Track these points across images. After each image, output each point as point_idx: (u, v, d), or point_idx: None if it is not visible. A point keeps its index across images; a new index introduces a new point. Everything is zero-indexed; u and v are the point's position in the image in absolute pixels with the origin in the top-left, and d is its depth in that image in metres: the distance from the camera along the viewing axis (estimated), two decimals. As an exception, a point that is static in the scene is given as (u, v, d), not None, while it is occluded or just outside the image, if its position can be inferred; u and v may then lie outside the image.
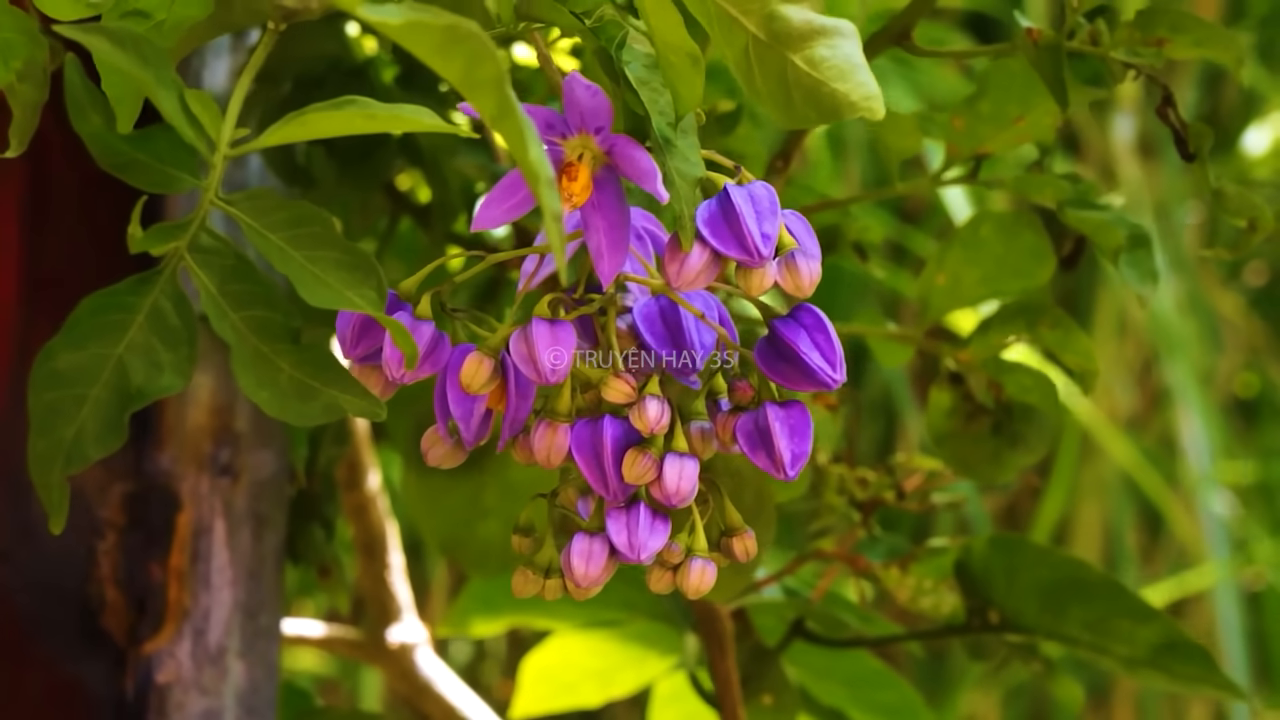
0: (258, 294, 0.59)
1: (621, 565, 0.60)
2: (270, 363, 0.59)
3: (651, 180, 0.55)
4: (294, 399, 0.59)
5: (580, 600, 0.59)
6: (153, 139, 0.60)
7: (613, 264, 0.57)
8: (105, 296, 0.60)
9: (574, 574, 0.58)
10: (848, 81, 0.57)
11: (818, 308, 0.59)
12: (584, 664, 1.10)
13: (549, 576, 0.61)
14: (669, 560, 0.59)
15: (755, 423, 0.59)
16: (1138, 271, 0.78)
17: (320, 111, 0.55)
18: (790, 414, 0.59)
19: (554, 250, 0.49)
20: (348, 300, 0.56)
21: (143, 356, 0.59)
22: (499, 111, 0.49)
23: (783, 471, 0.58)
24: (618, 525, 0.58)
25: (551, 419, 0.58)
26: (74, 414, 0.59)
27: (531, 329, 0.56)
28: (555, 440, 0.58)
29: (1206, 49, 0.72)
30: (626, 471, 0.57)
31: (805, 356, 0.58)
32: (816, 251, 0.57)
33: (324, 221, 0.57)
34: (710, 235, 0.56)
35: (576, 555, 0.58)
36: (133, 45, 0.55)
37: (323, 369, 0.59)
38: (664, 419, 0.57)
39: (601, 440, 0.57)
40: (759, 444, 0.59)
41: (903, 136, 0.83)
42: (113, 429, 0.59)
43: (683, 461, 0.57)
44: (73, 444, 0.60)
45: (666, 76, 0.56)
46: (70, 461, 0.60)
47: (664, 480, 0.57)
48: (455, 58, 0.49)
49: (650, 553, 0.58)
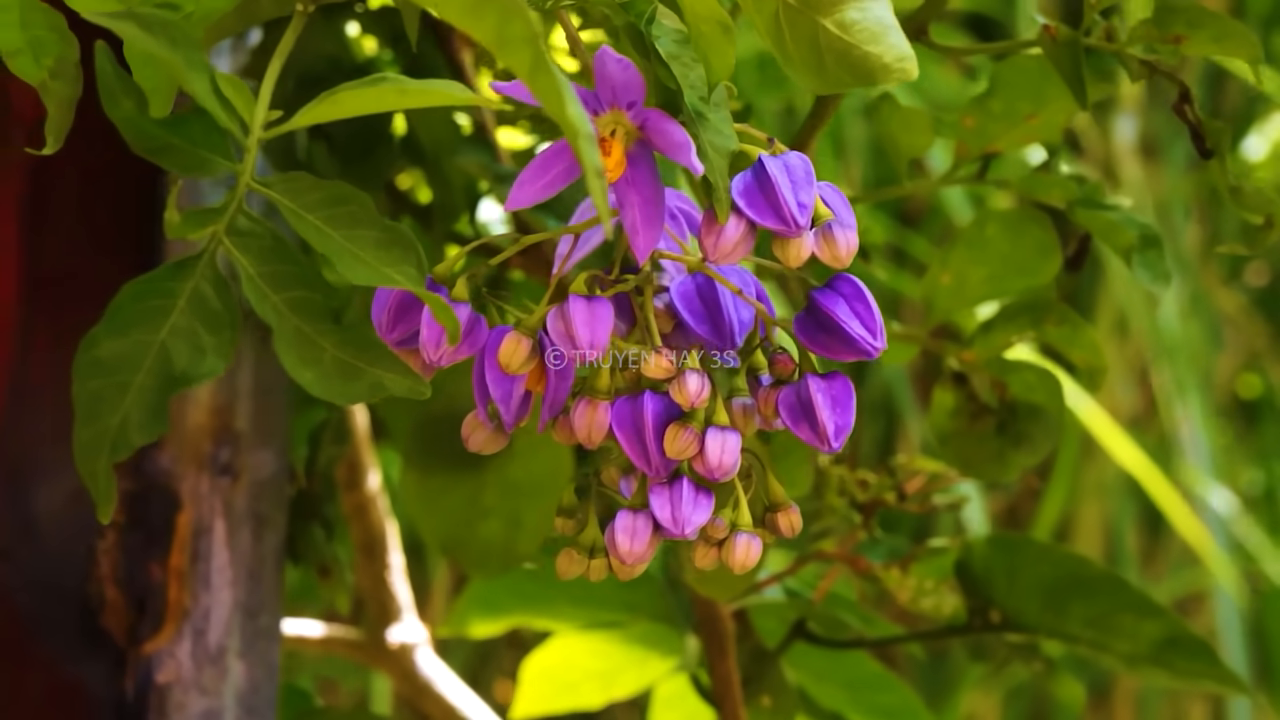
0: (297, 275, 0.59)
1: (631, 574, 0.59)
2: (313, 343, 0.59)
3: (686, 153, 0.55)
4: (338, 378, 0.58)
5: (625, 580, 0.59)
6: (186, 123, 0.59)
7: (648, 239, 0.56)
8: (145, 283, 0.59)
9: (619, 551, 0.58)
10: (880, 44, 0.57)
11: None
12: (585, 665, 1.09)
13: (594, 556, 0.60)
14: (713, 535, 0.59)
15: (797, 395, 0.58)
16: (1151, 271, 0.78)
17: (354, 89, 0.55)
18: (833, 385, 0.58)
19: (597, 205, 0.49)
20: (388, 277, 0.56)
21: (185, 341, 0.59)
22: (533, 67, 0.48)
23: (827, 443, 0.58)
24: (661, 501, 0.57)
25: (592, 396, 0.57)
26: (118, 401, 0.59)
27: (569, 306, 0.56)
28: (596, 418, 0.57)
29: (1224, 45, 0.72)
30: (668, 446, 0.57)
31: (845, 325, 0.58)
32: (853, 222, 0.57)
33: (361, 201, 0.57)
34: (746, 206, 0.56)
35: (621, 532, 0.58)
36: (162, 29, 0.54)
37: (366, 348, 0.59)
38: (704, 393, 0.56)
39: (643, 416, 0.57)
40: (801, 416, 0.58)
41: (915, 134, 0.83)
42: (157, 415, 0.59)
43: (724, 435, 0.57)
44: (118, 432, 0.59)
45: (698, 46, 0.56)
46: (116, 449, 0.59)
47: (706, 454, 0.57)
48: (487, 16, 0.49)
49: (694, 527, 0.57)
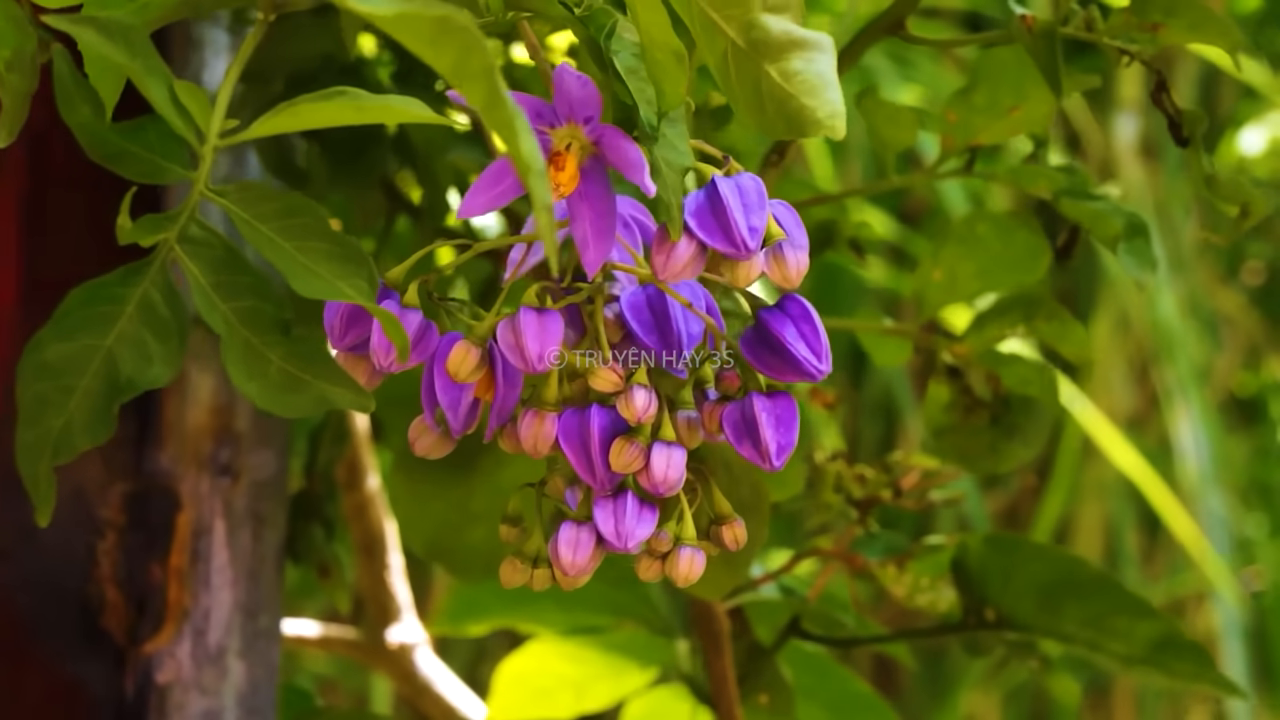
0: (248, 285, 0.59)
1: (613, 567, 0.60)
2: (260, 354, 0.59)
3: (639, 172, 0.55)
4: (283, 391, 0.59)
5: (568, 590, 0.59)
6: (143, 130, 0.59)
7: (598, 254, 0.56)
8: (94, 288, 0.60)
9: (561, 562, 0.58)
10: (816, 97, 0.57)
11: (805, 298, 0.58)
12: (560, 671, 1.09)
13: (537, 566, 0.61)
14: (657, 549, 0.59)
15: (741, 412, 0.59)
16: (1137, 259, 0.78)
17: (310, 102, 0.55)
18: (776, 404, 0.58)
19: (544, 239, 0.49)
20: (339, 291, 0.56)
21: (132, 348, 0.59)
22: (489, 101, 0.49)
23: (768, 462, 0.58)
24: (605, 514, 0.58)
25: (539, 408, 0.58)
26: (63, 405, 0.59)
27: (519, 318, 0.56)
28: (542, 429, 0.58)
29: (1201, 34, 0.72)
30: (614, 460, 0.57)
31: (791, 347, 0.58)
32: (804, 242, 0.57)
33: (315, 213, 0.57)
34: (697, 227, 0.56)
35: (564, 544, 0.58)
36: (121, 35, 0.55)
37: (312, 361, 0.59)
38: (651, 408, 0.57)
39: (589, 429, 0.57)
40: (745, 434, 0.59)
41: (899, 129, 0.83)
42: (101, 420, 0.59)
43: (670, 450, 0.57)
44: (61, 435, 0.59)
45: (651, 73, 0.56)
46: (58, 453, 0.59)
47: (651, 469, 0.57)
48: (446, 49, 0.49)
49: (637, 541, 0.58)
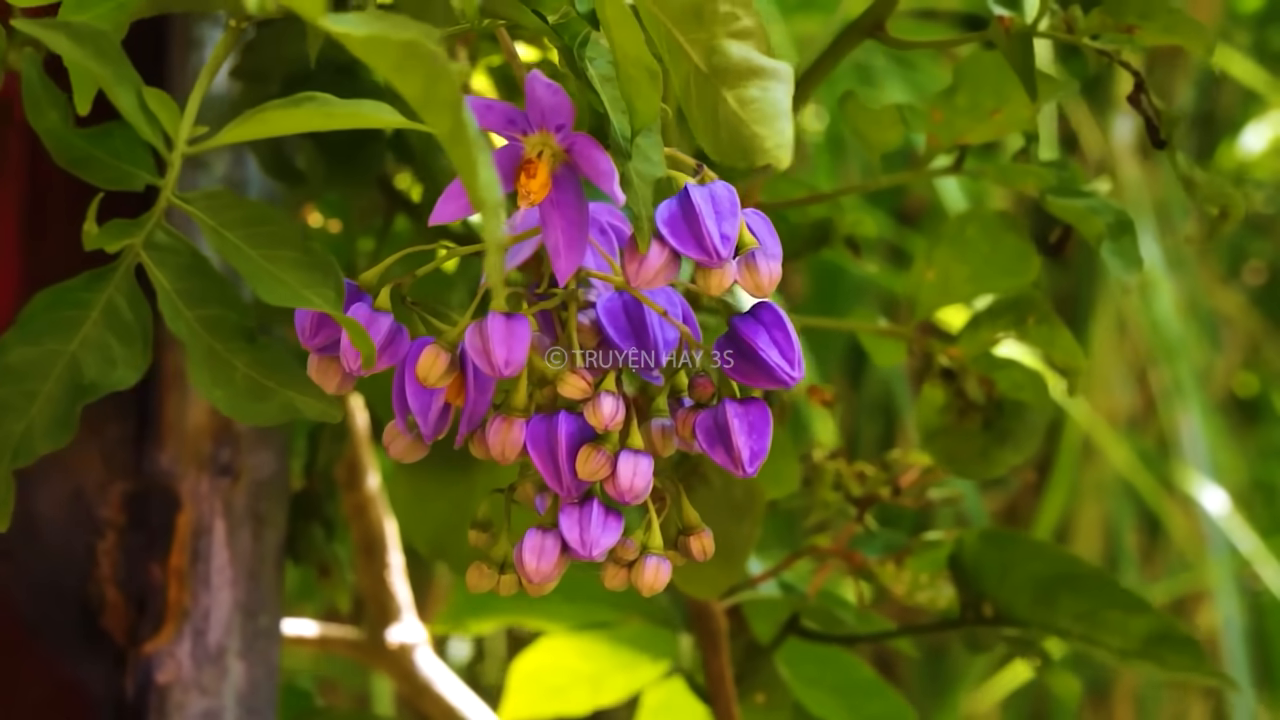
0: (213, 292, 0.59)
1: (540, 592, 0.60)
2: (225, 361, 0.59)
3: (608, 181, 0.55)
4: (249, 398, 0.59)
5: (535, 596, 0.59)
6: (110, 136, 0.59)
7: (570, 262, 0.56)
8: (60, 292, 0.59)
9: (525, 569, 0.58)
10: (767, 126, 0.57)
11: (778, 306, 0.58)
12: (574, 667, 1.09)
13: (504, 572, 0.61)
14: (623, 557, 0.59)
15: (715, 419, 0.59)
16: (1121, 259, 0.77)
17: (277, 109, 0.55)
18: (749, 411, 0.58)
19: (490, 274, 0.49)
20: (305, 299, 0.56)
21: (96, 352, 0.59)
22: (452, 133, 0.49)
23: (741, 468, 0.58)
24: (570, 522, 0.58)
25: (507, 414, 0.58)
26: (24, 409, 0.59)
27: (487, 323, 0.56)
28: (510, 435, 0.57)
29: (1175, 36, 0.72)
30: (580, 468, 0.57)
31: (764, 354, 0.58)
32: (778, 251, 0.57)
33: (282, 221, 0.57)
34: (669, 235, 0.56)
35: (528, 551, 0.58)
36: (92, 41, 0.54)
37: (278, 369, 0.59)
38: (618, 416, 0.57)
39: (556, 436, 0.57)
40: (718, 440, 0.58)
41: (881, 129, 0.82)
42: (63, 424, 0.59)
43: (637, 458, 0.57)
44: (21, 439, 0.59)
45: (625, 90, 0.56)
46: (18, 456, 0.59)
47: (618, 477, 0.57)
48: (413, 76, 0.49)
49: (602, 550, 0.57)
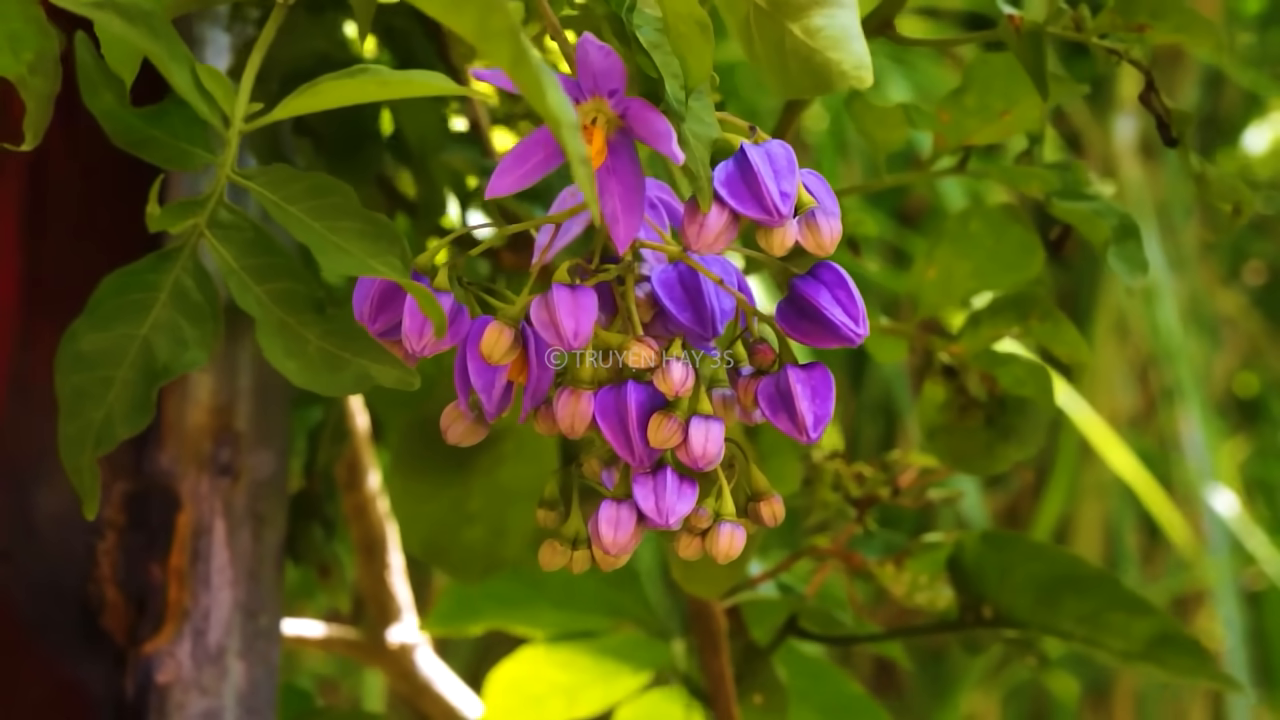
0: (280, 266, 0.58)
1: (614, 565, 0.59)
2: (297, 334, 0.58)
3: (667, 142, 0.55)
4: (323, 369, 0.58)
5: (607, 570, 0.58)
6: (166, 115, 0.59)
7: (628, 228, 0.56)
8: (126, 276, 0.59)
9: (603, 541, 0.57)
10: (841, 50, 0.57)
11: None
12: (552, 677, 1.08)
13: (576, 548, 0.60)
14: (697, 525, 0.58)
15: (776, 386, 0.58)
16: (1127, 262, 0.77)
17: (335, 80, 0.54)
18: (812, 376, 0.58)
19: (584, 193, 0.48)
20: (371, 268, 0.56)
21: (167, 334, 0.59)
22: (514, 59, 0.48)
23: (805, 434, 0.58)
24: (645, 491, 0.57)
25: (575, 386, 0.57)
26: (102, 396, 0.59)
27: (553, 295, 0.56)
28: (579, 408, 0.57)
29: (1186, 35, 0.72)
30: (652, 436, 0.56)
31: (827, 312, 0.57)
32: (836, 209, 0.57)
33: (344, 192, 0.57)
34: (728, 195, 0.56)
35: (605, 522, 0.57)
36: (143, 20, 0.54)
37: (351, 339, 0.58)
38: (688, 381, 0.56)
39: (626, 406, 0.57)
40: (780, 407, 0.58)
41: (888, 129, 0.82)
42: (141, 408, 0.59)
43: (708, 424, 0.57)
44: (102, 426, 0.59)
45: (675, 47, 0.56)
46: (100, 443, 0.59)
47: (690, 443, 0.56)
48: (467, 11, 0.48)
49: (679, 517, 0.57)
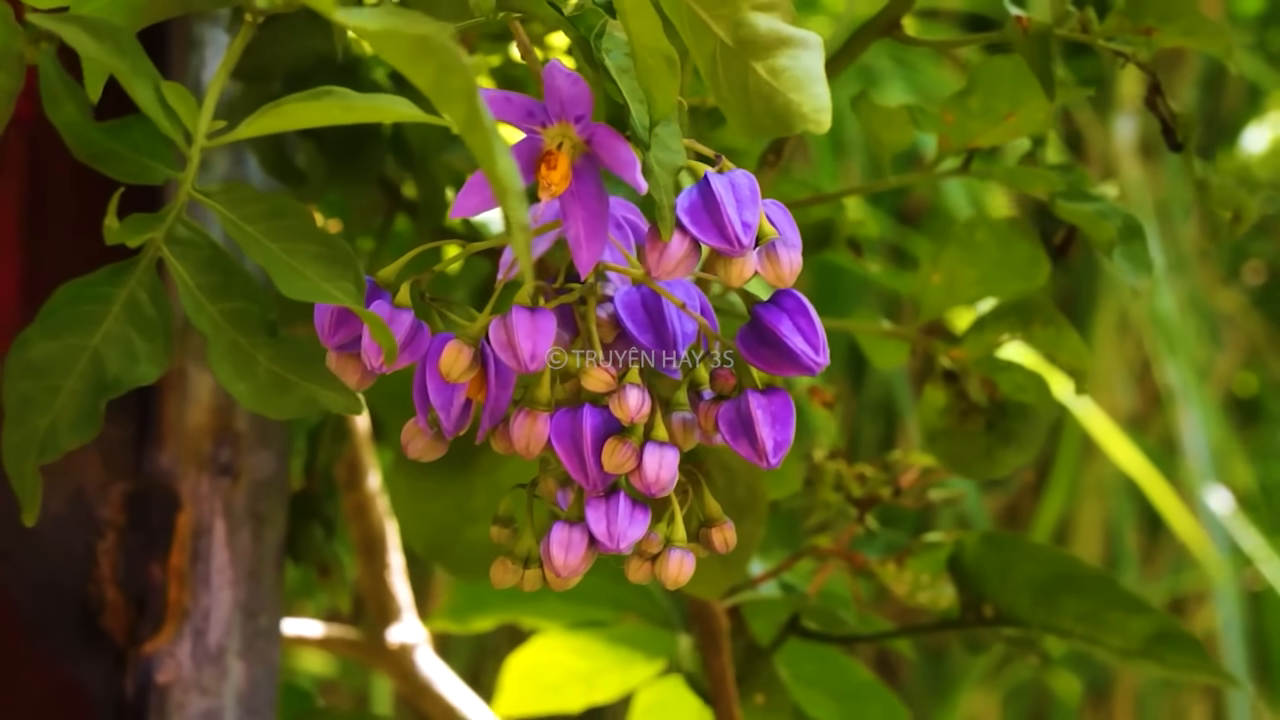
0: (235, 286, 0.59)
1: (615, 562, 0.60)
2: (248, 355, 0.59)
3: (630, 170, 0.55)
4: (271, 392, 0.58)
5: (559, 590, 0.59)
6: (129, 129, 0.59)
7: (591, 253, 0.56)
8: (80, 287, 0.59)
9: (553, 563, 0.58)
10: (802, 92, 0.57)
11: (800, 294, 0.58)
12: (568, 665, 1.09)
13: (528, 567, 0.60)
14: (648, 550, 0.58)
15: (737, 410, 0.58)
16: (1132, 264, 0.77)
17: (298, 102, 0.54)
18: (772, 401, 0.58)
19: (520, 259, 0.49)
20: (325, 293, 0.56)
21: (119, 347, 0.59)
22: (467, 122, 0.49)
23: (765, 459, 0.58)
24: (597, 514, 0.57)
25: (531, 408, 0.57)
26: (49, 404, 0.59)
27: (511, 317, 0.56)
28: (535, 429, 0.57)
29: (1195, 38, 0.72)
30: (606, 460, 0.57)
31: (788, 340, 0.57)
32: (797, 241, 0.57)
33: (302, 214, 0.57)
34: (690, 223, 0.56)
35: (556, 544, 0.58)
36: (109, 35, 0.54)
37: (301, 362, 0.59)
38: (644, 408, 0.56)
39: (581, 429, 0.57)
40: (741, 432, 0.58)
41: (894, 130, 0.82)
42: (88, 419, 0.59)
43: (662, 450, 0.57)
44: (47, 434, 0.59)
45: (642, 80, 0.56)
46: (44, 451, 0.59)
47: (644, 469, 0.57)
48: (426, 67, 0.49)
49: (630, 542, 0.57)
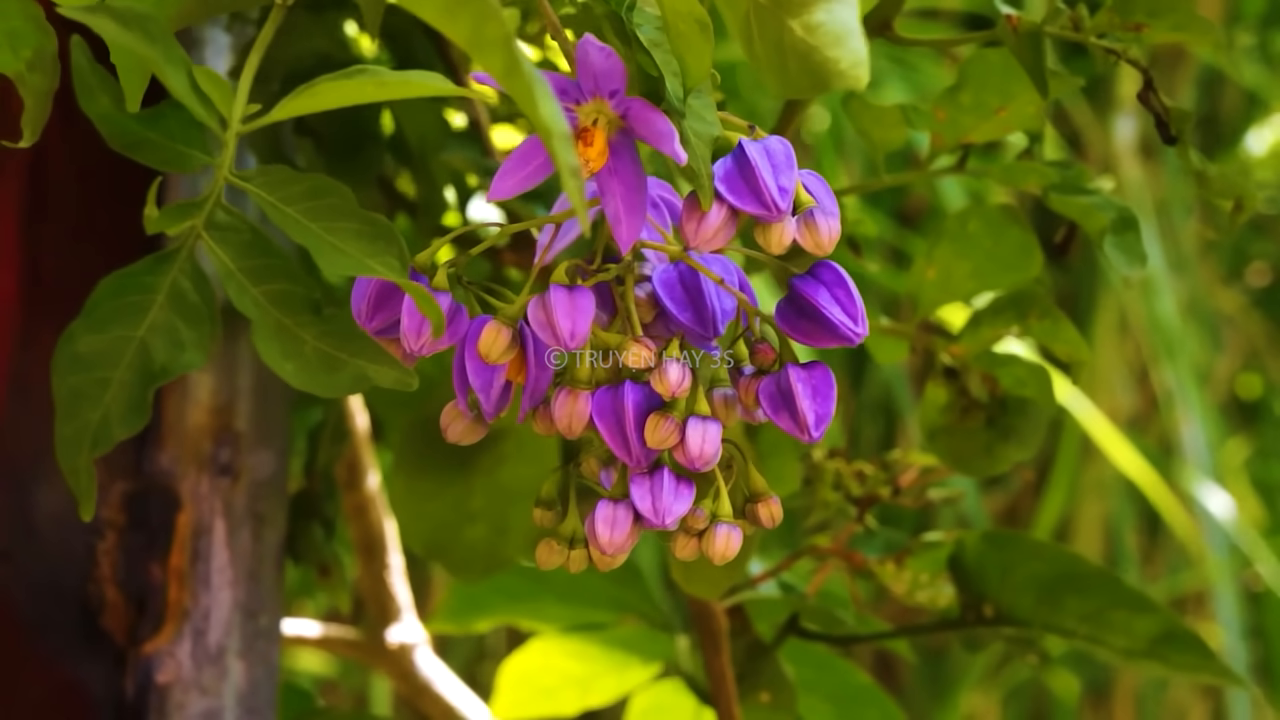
0: (277, 268, 0.58)
1: (611, 565, 0.59)
2: (294, 335, 0.58)
3: (669, 141, 0.55)
4: (321, 370, 0.58)
5: (604, 569, 0.58)
6: (163, 117, 0.59)
7: (631, 229, 0.56)
8: (123, 278, 0.59)
9: (599, 541, 0.57)
10: (840, 47, 0.56)
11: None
12: (564, 669, 1.09)
13: (574, 547, 0.60)
14: (693, 526, 0.58)
15: (778, 385, 0.58)
16: (1125, 254, 0.77)
17: (332, 81, 0.54)
18: (813, 375, 0.58)
19: (574, 205, 0.48)
20: (369, 268, 0.56)
21: (164, 336, 0.59)
22: (507, 69, 0.48)
23: (807, 432, 0.58)
24: (641, 491, 0.57)
25: (572, 386, 0.57)
26: (99, 397, 0.59)
27: (550, 295, 0.56)
28: (577, 408, 0.57)
29: (1184, 34, 0.72)
30: (649, 436, 0.56)
31: (826, 311, 0.57)
32: (835, 209, 0.57)
33: (341, 193, 0.57)
34: (727, 191, 0.56)
35: (601, 522, 0.57)
36: (138, 24, 0.54)
37: (348, 340, 0.59)
38: (685, 382, 0.56)
39: (623, 406, 0.57)
40: (782, 406, 0.58)
41: (886, 129, 0.82)
42: (137, 409, 0.59)
43: (705, 425, 0.57)
44: (99, 427, 0.59)
45: (674, 46, 0.56)
46: (97, 444, 0.59)
47: (687, 444, 0.56)
48: (462, 18, 0.49)
49: (675, 517, 0.57)
